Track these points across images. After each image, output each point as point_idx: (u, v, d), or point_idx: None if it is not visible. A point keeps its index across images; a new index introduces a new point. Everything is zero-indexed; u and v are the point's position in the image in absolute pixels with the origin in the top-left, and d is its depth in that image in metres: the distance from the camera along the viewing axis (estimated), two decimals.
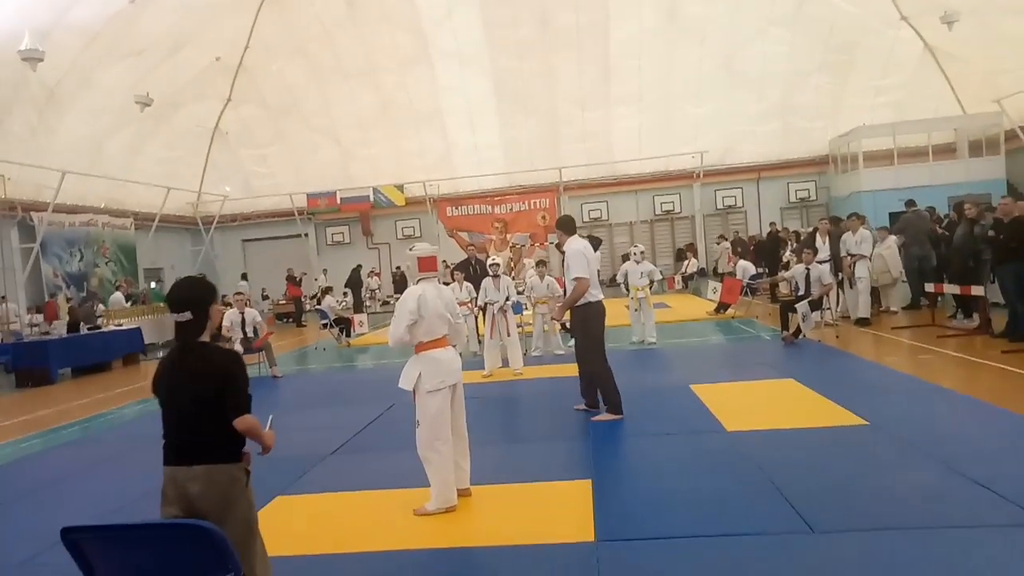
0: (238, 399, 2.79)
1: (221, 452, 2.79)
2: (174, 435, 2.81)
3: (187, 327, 2.86)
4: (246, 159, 26.04)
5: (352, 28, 22.37)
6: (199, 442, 2.76)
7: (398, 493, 4.93)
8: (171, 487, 2.78)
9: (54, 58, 15.80)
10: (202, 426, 2.76)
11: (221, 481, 2.76)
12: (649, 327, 11.39)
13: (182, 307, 2.85)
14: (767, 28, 21.83)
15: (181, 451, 2.78)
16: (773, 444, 5.49)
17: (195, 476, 2.73)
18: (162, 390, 2.86)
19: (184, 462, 2.76)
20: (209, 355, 2.85)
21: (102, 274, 20.40)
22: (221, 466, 2.77)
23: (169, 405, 2.83)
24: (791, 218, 23.67)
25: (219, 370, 2.81)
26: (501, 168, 24.94)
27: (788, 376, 7.88)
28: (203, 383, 2.78)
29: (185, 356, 2.86)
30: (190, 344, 2.87)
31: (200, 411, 2.76)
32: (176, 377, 2.83)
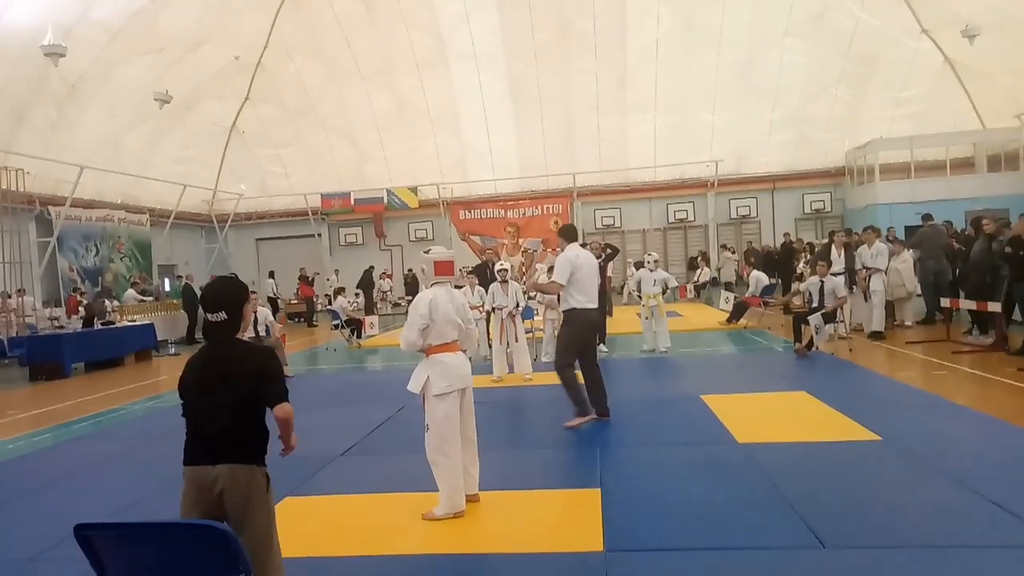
0: (277, 388, 2.81)
1: (245, 453, 2.79)
2: (199, 434, 2.81)
3: (221, 327, 2.89)
4: (262, 158, 26.21)
5: (370, 29, 22.49)
6: (224, 441, 2.76)
7: (407, 497, 4.92)
8: (192, 488, 2.79)
9: (76, 54, 15.99)
10: (230, 424, 2.76)
11: (243, 481, 2.76)
12: (662, 335, 11.36)
13: (217, 307, 2.88)
14: (784, 38, 21.76)
15: (205, 450, 2.78)
16: (785, 457, 5.44)
17: (217, 475, 2.74)
18: (191, 388, 2.86)
19: (207, 461, 2.76)
20: (244, 352, 2.88)
21: (117, 270, 20.57)
22: (244, 466, 2.78)
23: (197, 403, 2.83)
24: (805, 229, 23.54)
25: (255, 365, 2.83)
26: (515, 172, 24.97)
27: (800, 389, 7.82)
28: (238, 379, 2.79)
29: (218, 354, 2.88)
30: (224, 342, 2.90)
31: (232, 408, 2.76)
32: (208, 375, 2.84)
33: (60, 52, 14.98)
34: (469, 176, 25.16)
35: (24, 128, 17.86)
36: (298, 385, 10.58)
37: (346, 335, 15.21)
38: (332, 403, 8.82)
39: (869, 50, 21.51)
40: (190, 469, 2.80)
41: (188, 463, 2.81)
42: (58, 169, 17.65)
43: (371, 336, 16.24)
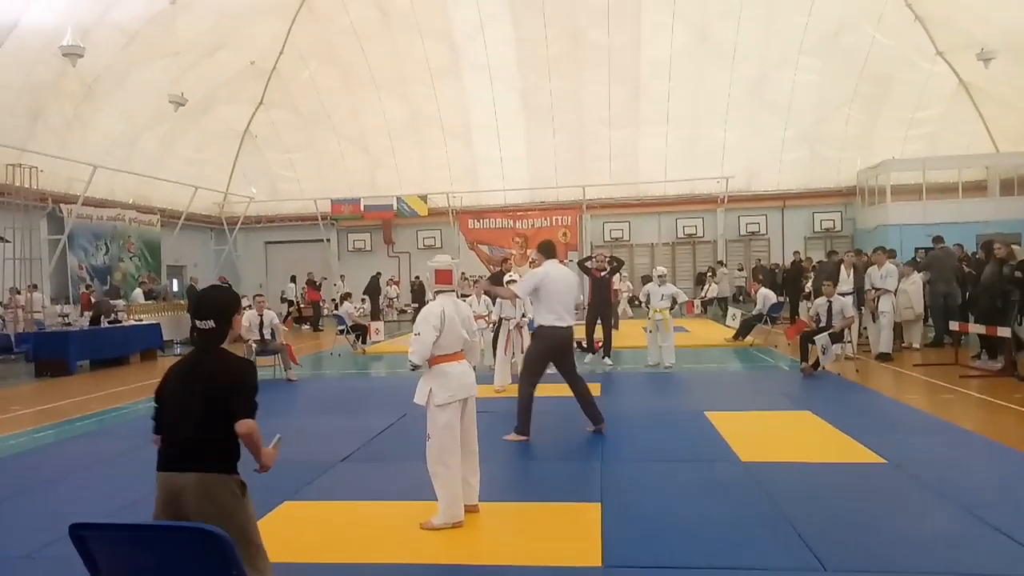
0: (245, 403, 2.78)
1: (216, 461, 2.76)
2: (172, 440, 2.80)
3: (208, 335, 2.89)
4: (274, 162, 26.36)
5: (385, 38, 22.65)
6: (196, 448, 2.74)
7: (406, 505, 4.89)
8: (163, 493, 2.77)
9: (93, 55, 16.15)
10: (201, 433, 2.74)
11: (213, 491, 2.73)
12: (668, 350, 11.29)
13: (206, 315, 2.87)
14: (798, 56, 21.78)
15: (176, 457, 2.76)
16: (788, 477, 5.39)
17: (187, 483, 2.71)
18: (168, 393, 2.87)
19: (177, 468, 2.74)
20: (224, 361, 2.87)
21: (126, 269, 20.68)
22: (214, 475, 2.74)
23: (173, 408, 2.83)
24: (815, 248, 23.46)
25: (231, 375, 2.82)
26: (525, 183, 25.02)
27: (805, 408, 7.76)
28: (214, 387, 2.77)
29: (199, 362, 2.87)
30: (208, 350, 2.90)
31: (202, 417, 2.74)
32: (187, 381, 2.83)
33: (78, 53, 15.14)
34: (479, 186, 25.23)
35: (40, 127, 18.03)
36: (302, 389, 10.58)
37: (351, 341, 15.21)
38: (335, 408, 8.80)
39: (883, 70, 21.50)
40: (161, 475, 2.78)
41: (160, 469, 2.80)
42: (72, 168, 17.81)
43: (376, 342, 16.24)
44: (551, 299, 6.50)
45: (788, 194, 24.16)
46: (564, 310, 6.59)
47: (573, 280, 6.93)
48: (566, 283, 6.68)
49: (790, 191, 24.10)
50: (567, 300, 6.66)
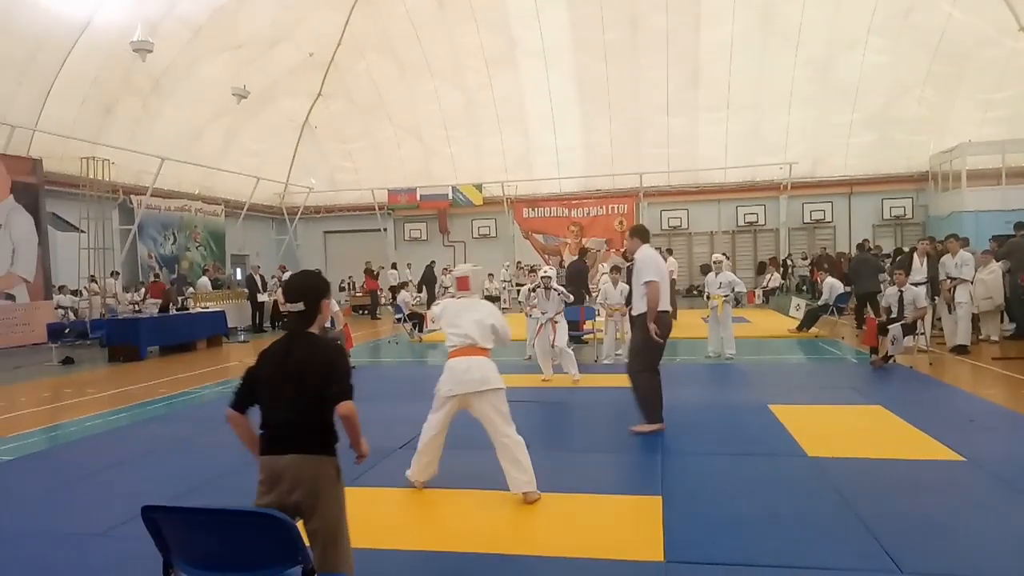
0: (342, 385, 2.81)
1: (313, 443, 2.79)
2: (271, 424, 2.83)
3: (298, 317, 2.90)
4: (332, 153, 26.79)
5: (441, 27, 22.69)
6: (294, 430, 2.77)
7: (465, 493, 4.89)
8: (265, 476, 2.81)
9: (160, 50, 16.65)
10: (297, 416, 2.78)
11: (311, 472, 2.77)
12: (728, 340, 11.03)
13: (296, 298, 2.89)
14: (867, 37, 20.91)
15: (274, 440, 2.80)
16: (858, 473, 5.17)
17: (287, 464, 2.75)
18: (263, 377, 2.88)
19: (277, 451, 2.78)
20: (316, 345, 2.89)
21: (192, 258, 21.37)
22: (312, 456, 2.78)
23: (270, 393, 2.84)
24: (884, 236, 22.58)
25: (325, 360, 2.84)
26: (580, 171, 24.79)
27: (876, 403, 7.45)
28: (308, 371, 2.79)
29: (292, 345, 2.88)
30: (298, 334, 2.91)
31: (299, 400, 2.77)
32: (282, 365, 2.84)
33: (147, 48, 15.64)
34: (534, 174, 25.11)
35: (111, 120, 18.74)
36: (360, 376, 10.65)
37: (408, 329, 15.36)
38: (393, 396, 8.89)
39: (959, 49, 20.46)
40: (262, 459, 2.82)
41: (261, 453, 2.84)
42: (141, 160, 18.45)
43: (433, 331, 16.36)
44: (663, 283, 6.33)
45: (855, 180, 23.28)
46: (667, 294, 6.45)
47: (664, 264, 6.78)
48: (665, 267, 6.60)
49: (857, 177, 23.22)
50: (667, 284, 6.51)
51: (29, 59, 15.94)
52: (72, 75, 16.88)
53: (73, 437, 7.19)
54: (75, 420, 8.01)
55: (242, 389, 2.93)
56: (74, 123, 17.30)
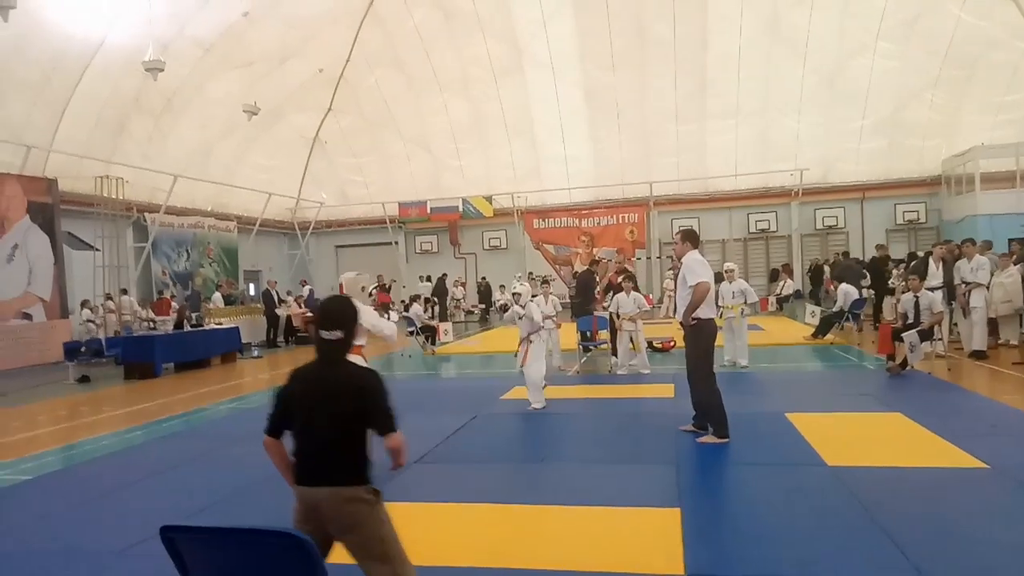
0: (386, 417, 2.76)
1: (348, 474, 2.74)
2: (304, 452, 2.77)
3: (335, 345, 2.85)
4: (342, 168, 26.94)
5: (448, 40, 22.83)
6: (328, 462, 2.73)
7: (482, 508, 4.86)
8: (301, 505, 2.76)
9: (172, 69, 16.81)
10: (334, 445, 2.73)
11: (346, 505, 2.72)
12: (741, 349, 10.97)
13: (335, 326, 2.84)
14: (875, 42, 20.85)
15: (310, 471, 2.75)
16: (879, 482, 5.10)
17: (322, 497, 2.71)
18: (296, 404, 2.81)
19: (312, 482, 2.73)
20: (351, 372, 2.84)
21: (206, 274, 21.50)
22: (346, 488, 2.73)
23: (305, 422, 2.77)
24: (898, 241, 22.38)
25: (361, 387, 2.78)
26: (590, 181, 24.79)
27: (895, 409, 7.37)
28: (344, 400, 2.74)
29: (327, 373, 2.82)
30: (336, 361, 2.85)
31: (336, 429, 2.72)
32: (316, 394, 2.78)
33: (159, 67, 15.80)
34: (544, 185, 25.14)
35: (124, 139, 18.94)
36: None
37: (421, 342, 15.37)
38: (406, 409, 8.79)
39: (969, 52, 20.34)
40: (298, 489, 2.77)
41: (297, 482, 2.78)
42: (154, 178, 18.62)
43: (445, 343, 16.37)
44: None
45: (867, 185, 23.14)
46: (712, 300, 6.50)
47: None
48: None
49: (869, 182, 23.07)
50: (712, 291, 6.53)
51: (44, 81, 16.15)
52: (86, 95, 17.07)
53: (90, 455, 7.21)
54: (92, 438, 8.05)
55: (276, 414, 2.86)
56: (88, 143, 17.49)
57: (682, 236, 6.73)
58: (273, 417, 2.86)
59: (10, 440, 8.11)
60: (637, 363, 10.84)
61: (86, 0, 15.54)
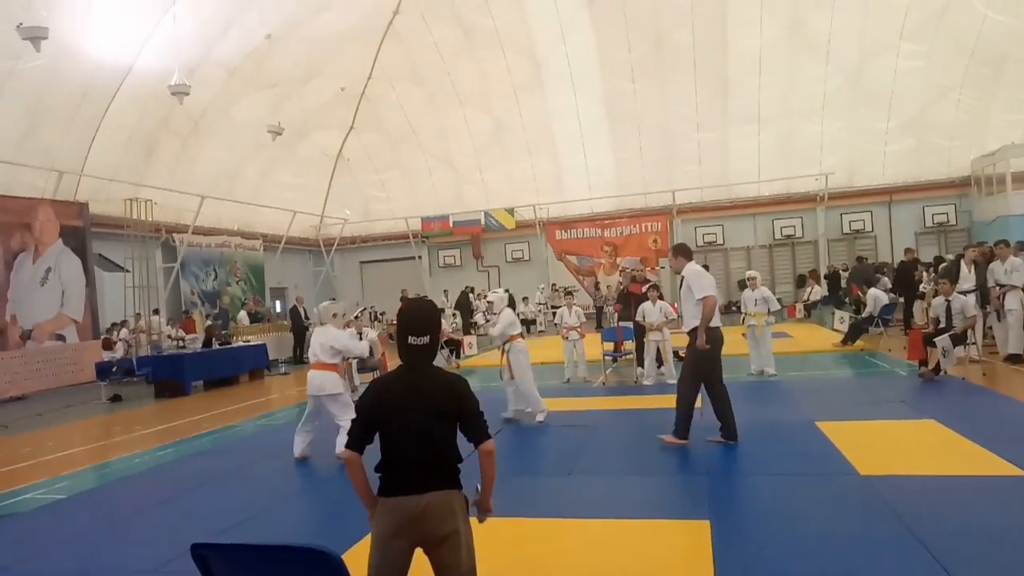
0: (480, 422, 2.75)
1: (447, 479, 2.72)
2: (403, 461, 2.71)
3: (423, 351, 2.79)
4: (365, 184, 27.21)
5: (468, 55, 23.00)
6: (431, 468, 2.69)
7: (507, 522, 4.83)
8: (395, 518, 2.68)
9: (198, 92, 17.15)
10: (436, 451, 2.70)
11: (452, 507, 2.69)
12: (767, 357, 10.83)
13: (423, 331, 2.78)
14: (899, 42, 20.60)
15: (411, 480, 2.68)
16: (914, 491, 5.00)
17: (427, 504, 2.65)
18: (389, 414, 2.73)
19: (415, 491, 2.66)
20: (441, 378, 2.80)
21: (233, 292, 21.79)
22: (452, 492, 2.71)
23: (399, 430, 2.71)
24: (927, 244, 22.00)
25: (455, 393, 2.76)
26: (612, 191, 24.74)
27: (928, 416, 7.22)
28: (438, 406, 2.71)
29: (418, 379, 2.77)
30: (424, 367, 2.81)
31: (436, 436, 2.70)
32: (412, 399, 2.72)
33: (185, 91, 16.12)
34: (565, 196, 25.14)
35: (152, 161, 19.33)
36: None
37: (445, 355, 15.40)
38: None
39: (997, 50, 20.01)
40: (393, 500, 2.68)
41: (391, 494, 2.69)
42: (182, 199, 18.95)
43: (470, 356, 16.38)
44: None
45: (894, 188, 22.80)
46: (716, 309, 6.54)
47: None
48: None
49: (896, 185, 22.74)
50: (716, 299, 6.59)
51: (75, 108, 16.56)
52: (115, 120, 17.47)
53: (123, 474, 7.32)
54: (124, 457, 8.17)
55: (359, 428, 2.78)
56: (118, 166, 17.87)
57: (674, 252, 6.87)
58: (356, 431, 2.78)
59: (45, 460, 8.27)
60: (664, 373, 10.76)
61: (115, 28, 15.93)
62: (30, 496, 6.61)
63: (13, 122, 15.31)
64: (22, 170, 15.50)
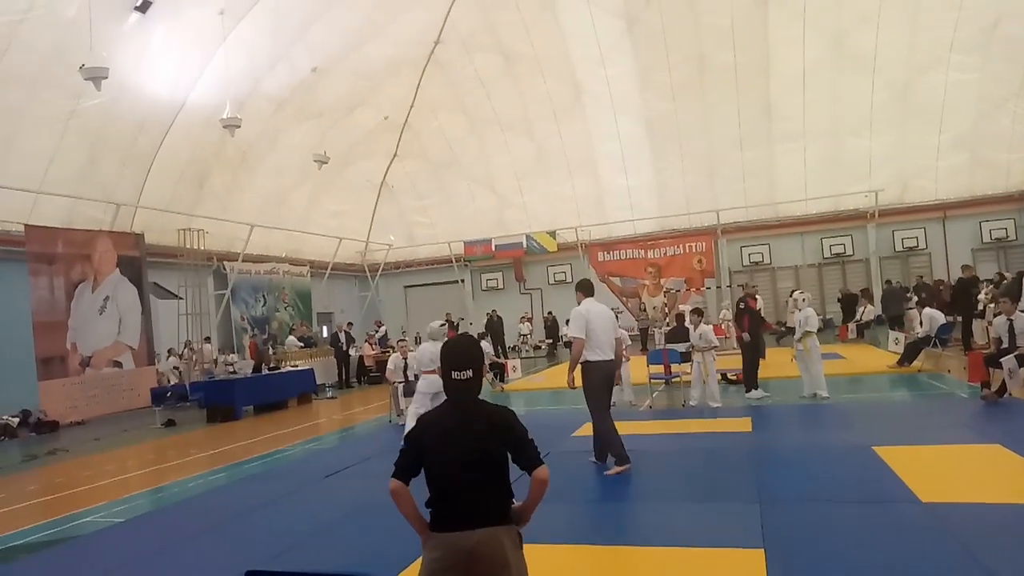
0: (532, 450, 2.74)
1: (499, 514, 2.71)
2: (452, 496, 2.70)
3: (468, 385, 2.82)
4: (408, 210, 27.61)
5: (508, 82, 23.26)
6: (483, 503, 2.68)
7: (555, 548, 4.77)
8: (446, 554, 2.65)
9: (247, 123, 17.70)
10: (487, 485, 2.69)
11: (503, 544, 2.66)
12: (817, 379, 10.52)
13: (466, 366, 2.82)
14: (949, 55, 20.11)
15: (462, 514, 2.67)
16: (980, 520, 4.78)
17: (480, 540, 2.63)
18: (438, 448, 2.73)
19: (467, 526, 2.65)
20: (490, 410, 2.81)
21: (282, 318, 22.23)
22: (503, 527, 2.69)
23: (450, 463, 2.70)
24: (985, 260, 21.25)
25: (504, 425, 2.75)
26: (654, 212, 24.59)
27: (993, 441, 6.92)
28: (490, 439, 2.71)
29: (465, 414, 2.78)
30: (467, 401, 2.82)
31: (487, 470, 2.69)
32: (458, 434, 2.72)
33: (236, 124, 16.65)
34: (607, 217, 25.07)
35: (204, 192, 19.96)
36: None
37: (489, 379, 15.40)
38: None
39: None
40: (444, 536, 2.66)
41: (442, 529, 2.68)
42: (232, 228, 19.49)
43: (514, 380, 16.36)
44: (594, 334, 6.88)
45: (948, 203, 22.13)
46: (607, 345, 6.96)
47: (609, 315, 7.20)
48: (604, 319, 7.05)
49: (950, 200, 22.07)
50: (608, 334, 7.00)
51: (131, 142, 17.24)
52: (169, 153, 18.13)
53: (178, 498, 7.48)
54: (178, 481, 8.35)
55: (407, 459, 2.78)
56: (171, 197, 18.49)
57: (576, 287, 7.38)
58: (404, 462, 2.77)
59: (103, 484, 8.50)
60: (706, 396, 10.54)
61: (170, 66, 16.59)
62: (89, 520, 6.80)
63: (75, 158, 16.00)
64: (83, 203, 16.15)
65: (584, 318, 6.90)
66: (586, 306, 7.04)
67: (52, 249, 14.71)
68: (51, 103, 14.84)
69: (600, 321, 6.96)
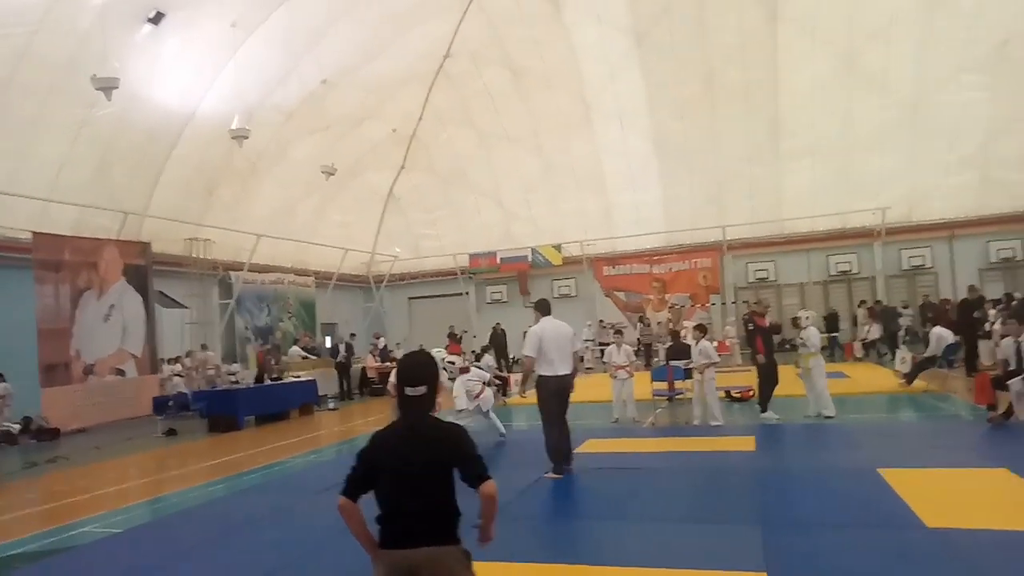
0: (479, 465, 2.74)
1: (447, 532, 2.69)
2: (398, 513, 2.70)
3: (420, 401, 2.82)
4: (415, 222, 27.67)
5: (517, 96, 23.37)
6: (426, 520, 2.67)
7: (555, 568, 4.72)
8: (392, 571, 2.65)
9: (256, 134, 17.81)
10: (431, 502, 2.68)
11: (447, 564, 2.65)
12: (821, 398, 10.42)
13: (419, 382, 2.82)
14: (958, 74, 20.10)
15: (406, 532, 2.66)
16: (986, 546, 4.70)
17: (421, 559, 2.62)
18: (388, 464, 2.73)
19: (409, 544, 2.64)
20: (439, 427, 2.82)
21: (286, 328, 22.22)
22: (446, 547, 2.67)
23: (398, 481, 2.70)
24: (993, 280, 21.11)
25: (453, 441, 2.76)
26: (660, 227, 24.57)
27: (1000, 464, 6.81)
28: (437, 454, 2.72)
29: (415, 430, 2.79)
30: (421, 417, 2.83)
31: (433, 487, 2.68)
32: (406, 450, 2.72)
33: (244, 135, 16.75)
34: (614, 232, 25.05)
35: (212, 202, 20.04)
36: None
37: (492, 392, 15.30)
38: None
39: None
40: (388, 553, 2.67)
41: (388, 546, 2.68)
42: (239, 238, 19.55)
43: (516, 394, 16.25)
44: (547, 353, 7.37)
45: (956, 223, 22.03)
46: (560, 360, 7.43)
47: (566, 333, 7.63)
48: (559, 337, 7.49)
49: (959, 219, 21.97)
50: (562, 351, 7.47)
51: (141, 152, 17.34)
52: (178, 163, 18.22)
53: (176, 508, 7.43)
54: (178, 492, 8.30)
55: (357, 475, 2.78)
56: (179, 206, 18.56)
57: (535, 306, 7.92)
58: (354, 479, 2.79)
59: (103, 493, 8.47)
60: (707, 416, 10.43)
61: (180, 76, 16.70)
62: (88, 529, 6.76)
63: (86, 166, 16.11)
64: (92, 212, 16.23)
65: (538, 336, 7.40)
66: (542, 325, 7.51)
67: (59, 256, 14.77)
68: (63, 112, 14.97)
69: (554, 338, 7.43)
